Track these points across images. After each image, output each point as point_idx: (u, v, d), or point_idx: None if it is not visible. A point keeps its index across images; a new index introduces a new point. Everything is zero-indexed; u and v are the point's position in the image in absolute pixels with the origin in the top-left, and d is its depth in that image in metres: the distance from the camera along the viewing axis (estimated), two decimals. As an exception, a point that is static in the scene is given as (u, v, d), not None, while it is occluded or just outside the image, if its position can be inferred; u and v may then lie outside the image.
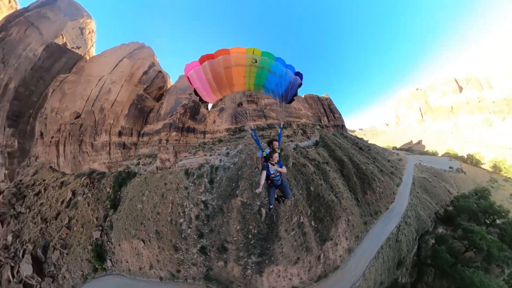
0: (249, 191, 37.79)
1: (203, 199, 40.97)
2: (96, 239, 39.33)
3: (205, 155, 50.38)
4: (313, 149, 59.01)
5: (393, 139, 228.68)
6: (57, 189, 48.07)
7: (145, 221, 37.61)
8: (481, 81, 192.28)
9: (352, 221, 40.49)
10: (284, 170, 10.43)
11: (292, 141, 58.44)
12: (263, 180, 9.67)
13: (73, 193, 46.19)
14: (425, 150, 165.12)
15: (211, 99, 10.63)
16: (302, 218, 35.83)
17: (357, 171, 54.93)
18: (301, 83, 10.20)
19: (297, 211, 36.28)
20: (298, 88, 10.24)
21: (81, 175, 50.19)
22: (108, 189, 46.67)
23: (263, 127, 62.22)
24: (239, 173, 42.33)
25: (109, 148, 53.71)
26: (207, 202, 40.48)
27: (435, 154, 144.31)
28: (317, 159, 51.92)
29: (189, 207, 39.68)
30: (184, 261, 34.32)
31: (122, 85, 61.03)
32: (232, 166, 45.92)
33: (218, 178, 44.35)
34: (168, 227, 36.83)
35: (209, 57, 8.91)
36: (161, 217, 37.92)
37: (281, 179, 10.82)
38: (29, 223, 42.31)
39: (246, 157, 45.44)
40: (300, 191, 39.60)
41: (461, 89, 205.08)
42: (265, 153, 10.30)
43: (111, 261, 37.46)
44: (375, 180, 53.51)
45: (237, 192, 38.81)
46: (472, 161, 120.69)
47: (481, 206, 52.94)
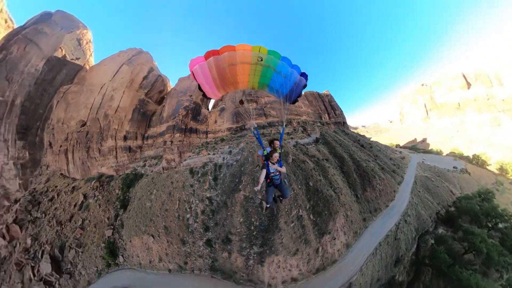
0: (252, 186, 40.26)
1: (208, 195, 43.58)
2: (108, 237, 42.81)
3: (209, 154, 53.00)
4: (313, 146, 60.95)
5: (396, 137, 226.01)
6: (69, 193, 51.81)
7: (154, 218, 40.64)
8: (491, 78, 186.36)
9: (351, 217, 42.28)
10: (283, 169, 10.73)
11: (292, 138, 60.55)
12: (262, 178, 10.00)
13: (85, 196, 49.88)
14: (430, 148, 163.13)
15: (215, 95, 10.81)
16: (301, 211, 38.16)
17: (357, 168, 56.50)
18: (306, 84, 10.38)
19: (296, 204, 38.65)
20: (302, 89, 10.44)
21: (90, 179, 53.93)
22: (117, 191, 50.03)
23: (264, 126, 64.77)
24: (242, 169, 44.99)
25: (116, 152, 57.19)
26: (211, 198, 43.09)
27: (439, 153, 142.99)
28: (317, 156, 53.85)
29: (195, 203, 42.38)
30: (191, 254, 37.13)
31: (123, 91, 64.39)
32: (234, 163, 48.41)
33: (221, 175, 46.86)
34: (176, 222, 39.65)
35: (215, 53, 9.04)
36: (169, 213, 40.84)
37: (280, 179, 11.11)
38: (45, 226, 45.98)
39: (248, 154, 48.01)
40: (299, 186, 41.93)
41: (469, 85, 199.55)
42: (266, 152, 10.57)
43: (123, 256, 40.81)
44: (375, 177, 54.94)
45: (240, 187, 41.53)
46: (477, 161, 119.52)
47: (483, 208, 52.93)
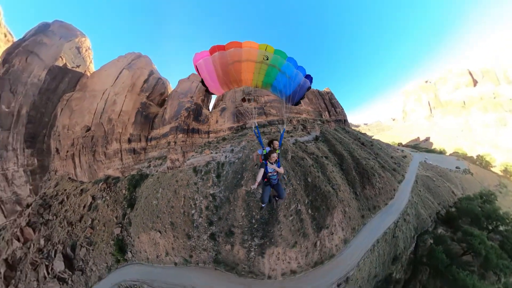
0: (253, 181, 42.48)
1: (211, 192, 46.35)
2: (117, 235, 46.21)
3: (211, 153, 55.80)
4: (313, 144, 63.13)
5: (399, 135, 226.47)
6: (78, 196, 55.48)
7: (160, 215, 43.73)
8: (499, 75, 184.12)
9: (349, 213, 44.38)
10: (281, 170, 11.14)
11: (292, 136, 62.95)
12: (260, 177, 10.38)
13: (93, 198, 53.50)
14: (433, 147, 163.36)
15: (217, 91, 11.04)
16: (299, 206, 40.67)
17: (357, 165, 58.46)
18: (310, 87, 10.63)
19: (295, 199, 41.18)
20: (306, 91, 10.67)
21: (98, 182, 57.65)
22: (124, 191, 53.38)
23: (264, 124, 67.56)
24: (243, 166, 47.89)
25: (121, 154, 60.68)
26: (215, 194, 45.87)
27: (442, 152, 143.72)
28: (316, 153, 56.10)
29: (199, 199, 45.24)
30: (196, 247, 40.02)
31: (125, 95, 67.85)
32: (236, 160, 51.19)
33: (224, 172, 49.64)
34: (181, 218, 42.61)
35: (220, 48, 9.20)
36: (175, 209, 43.91)
37: (278, 179, 11.44)
38: (57, 227, 49.59)
39: (249, 152, 50.91)
40: (298, 182, 44.45)
41: (475, 83, 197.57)
42: (265, 151, 11.01)
43: (131, 252, 44.10)
44: (374, 175, 56.75)
45: (242, 182, 44.50)
46: (481, 162, 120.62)
47: (484, 210, 53.85)
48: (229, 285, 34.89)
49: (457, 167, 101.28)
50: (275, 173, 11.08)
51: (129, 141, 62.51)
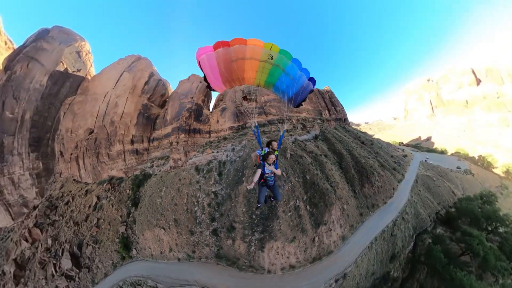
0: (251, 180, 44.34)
1: (213, 189, 48.35)
2: (122, 233, 48.57)
3: (213, 152, 57.83)
4: (312, 142, 64.70)
5: (400, 134, 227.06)
6: (83, 197, 58.03)
7: (164, 212, 45.97)
8: (503, 75, 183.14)
9: (347, 211, 45.85)
10: (278, 172, 11.40)
11: (291, 135, 64.68)
12: (256, 177, 10.60)
13: (98, 198, 56.05)
14: (434, 147, 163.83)
15: (219, 88, 11.10)
16: (298, 202, 42.48)
17: (356, 164, 59.80)
18: (313, 90, 10.70)
19: (293, 195, 43.02)
20: (308, 94, 10.80)
21: (102, 182, 60.24)
22: (128, 191, 55.71)
23: (264, 124, 69.71)
24: (244, 164, 50.01)
25: (124, 155, 63.14)
26: (217, 192, 47.87)
27: (444, 152, 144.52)
28: (315, 152, 57.68)
29: (201, 197, 47.33)
30: (198, 243, 42.07)
31: (127, 98, 70.38)
32: (238, 159, 53.12)
33: (226, 170, 51.61)
34: (184, 215, 44.70)
35: (224, 44, 9.24)
36: (178, 207, 46.07)
37: (274, 181, 11.74)
38: (63, 227, 52.08)
39: (249, 150, 53.06)
40: (296, 179, 46.27)
41: (478, 82, 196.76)
42: (263, 152, 11.29)
43: (136, 249, 46.37)
44: (374, 174, 57.98)
45: (243, 179, 46.61)
46: (483, 163, 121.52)
47: (484, 211, 54.61)
48: (230, 280, 36.59)
49: (458, 167, 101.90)
50: (272, 175, 11.40)
51: (132, 142, 64.88)
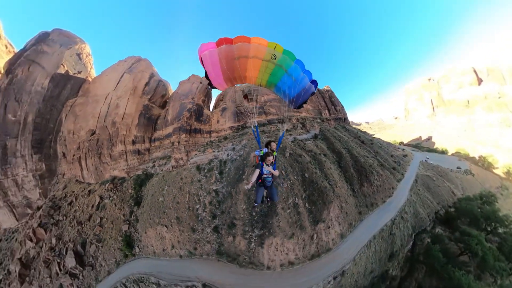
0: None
1: (214, 188, 49.98)
2: (125, 231, 50.39)
3: (214, 152, 59.46)
4: (311, 141, 66.18)
5: (401, 134, 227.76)
6: (86, 197, 59.85)
7: (167, 210, 47.79)
8: (505, 74, 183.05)
9: (345, 209, 47.15)
10: (276, 173, 11.60)
11: (291, 134, 66.13)
12: (254, 177, 10.76)
13: (101, 198, 57.93)
14: (435, 147, 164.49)
15: (220, 85, 11.09)
16: (297, 199, 43.99)
17: (355, 163, 61.10)
18: (314, 92, 10.73)
19: (292, 193, 44.59)
20: (310, 96, 10.84)
21: (104, 182, 62.16)
22: (130, 190, 57.51)
23: (264, 123, 71.41)
24: (245, 162, 51.80)
25: (126, 156, 64.91)
26: (218, 190, 49.52)
27: (444, 152, 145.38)
28: (314, 151, 59.19)
29: (203, 195, 49.03)
30: (200, 240, 43.65)
31: (128, 99, 72.12)
32: (238, 158, 54.74)
33: (227, 169, 53.26)
34: (186, 213, 46.39)
35: (228, 41, 9.20)
36: (180, 205, 47.78)
37: (272, 182, 11.94)
38: (67, 227, 53.90)
39: (250, 149, 54.95)
40: (295, 177, 47.86)
41: (480, 82, 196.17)
42: (262, 152, 11.55)
43: (138, 247, 48.05)
44: (373, 173, 59.16)
45: (243, 177, 48.35)
46: (483, 163, 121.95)
47: (484, 211, 55.34)
48: (230, 276, 37.99)
49: (458, 168, 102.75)
50: (270, 175, 11.61)
51: (133, 142, 66.57)
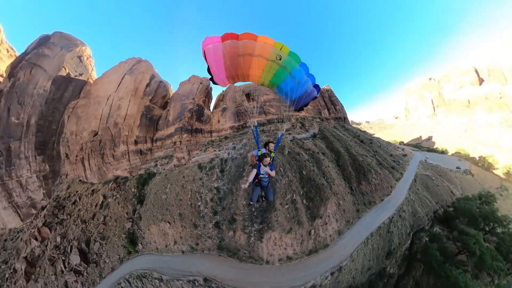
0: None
1: (216, 185, 51.70)
2: (128, 229, 52.07)
3: (215, 151, 61.29)
4: (310, 140, 67.89)
5: (401, 134, 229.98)
6: (89, 196, 61.65)
7: (169, 207, 49.62)
8: (506, 74, 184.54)
9: (343, 206, 48.67)
10: (273, 173, 11.93)
11: (290, 133, 68.08)
12: (251, 177, 11.07)
13: (104, 197, 59.73)
14: (435, 147, 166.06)
15: (222, 82, 11.05)
16: (295, 196, 45.79)
17: (353, 162, 62.65)
18: (316, 97, 10.92)
19: (290, 189, 46.46)
20: (312, 100, 11.01)
21: (108, 182, 64.10)
22: (133, 189, 59.24)
23: (264, 123, 73.61)
24: (245, 160, 53.87)
25: (128, 156, 66.80)
26: (219, 187, 51.24)
27: (444, 152, 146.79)
28: (312, 149, 60.93)
29: (204, 193, 50.75)
30: (201, 236, 45.38)
31: (129, 100, 74.13)
32: (238, 156, 56.55)
33: (227, 167, 54.98)
34: (188, 209, 48.13)
35: (234, 36, 9.13)
36: (182, 202, 49.61)
37: (268, 182, 12.28)
38: (71, 225, 55.68)
39: (250, 148, 56.85)
40: (293, 174, 49.74)
41: (481, 81, 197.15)
42: (260, 153, 11.80)
43: (141, 244, 49.69)
44: (371, 171, 60.58)
45: (243, 174, 50.30)
46: (483, 164, 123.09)
47: (482, 211, 56.18)
48: (231, 271, 39.49)
49: (457, 168, 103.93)
50: (267, 176, 11.97)
51: (136, 143, 68.42)
